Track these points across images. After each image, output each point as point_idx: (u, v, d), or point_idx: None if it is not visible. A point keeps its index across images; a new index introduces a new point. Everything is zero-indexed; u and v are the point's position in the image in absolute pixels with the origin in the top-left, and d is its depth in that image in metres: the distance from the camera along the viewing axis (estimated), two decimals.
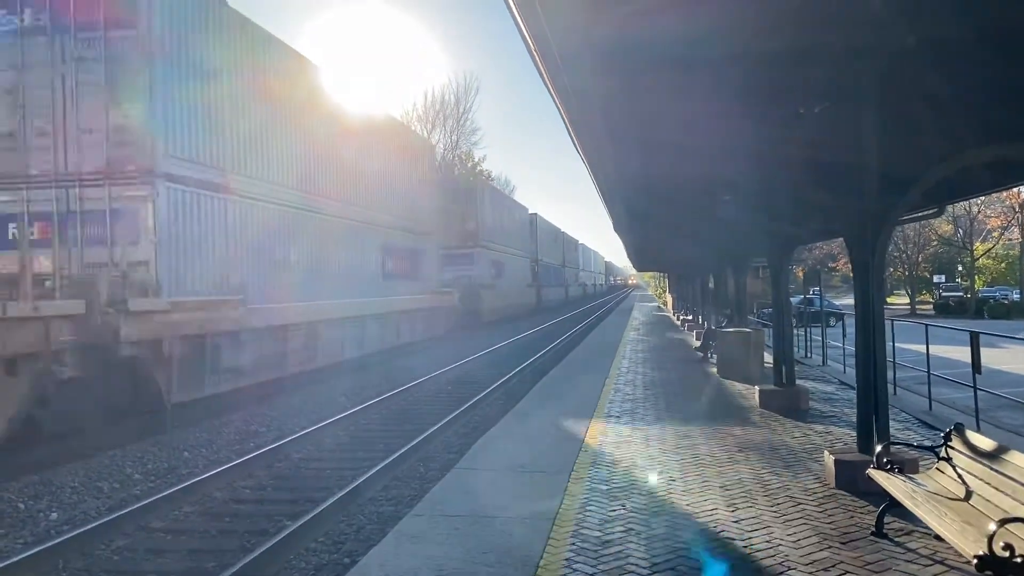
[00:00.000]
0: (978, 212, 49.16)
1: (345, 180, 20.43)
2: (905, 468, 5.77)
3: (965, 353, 9.46)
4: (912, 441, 7.80)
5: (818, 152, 7.05)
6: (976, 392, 9.45)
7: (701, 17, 4.78)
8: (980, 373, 9.27)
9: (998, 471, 4.69)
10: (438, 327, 28.93)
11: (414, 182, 27.26)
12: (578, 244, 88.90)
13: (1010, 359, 18.10)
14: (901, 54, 5.35)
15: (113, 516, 7.63)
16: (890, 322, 11.98)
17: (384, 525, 7.36)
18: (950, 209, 42.26)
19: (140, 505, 7.98)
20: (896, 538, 5.48)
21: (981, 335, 9.49)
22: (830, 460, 7.01)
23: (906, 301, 56.00)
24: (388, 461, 9.76)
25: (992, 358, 13.62)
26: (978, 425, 9.04)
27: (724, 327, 17.22)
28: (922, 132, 6.25)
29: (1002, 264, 58.33)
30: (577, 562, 5.14)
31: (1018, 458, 4.60)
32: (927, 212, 9.63)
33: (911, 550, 5.25)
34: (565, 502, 6.51)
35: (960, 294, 49.83)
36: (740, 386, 13.53)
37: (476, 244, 37.00)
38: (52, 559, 6.65)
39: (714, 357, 16.90)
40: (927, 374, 11.13)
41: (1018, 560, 3.80)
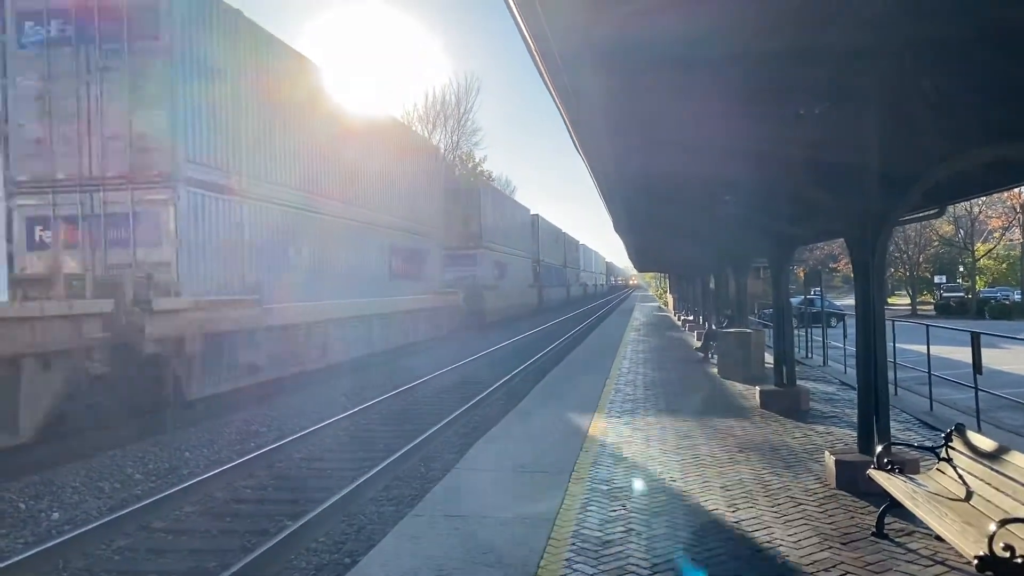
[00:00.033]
0: (979, 212, 49.15)
1: (351, 182, 20.73)
2: (906, 468, 5.77)
3: (966, 354, 9.45)
4: (913, 441, 7.79)
5: (818, 152, 7.04)
6: (977, 393, 9.44)
7: (701, 17, 4.78)
8: (981, 373, 9.26)
9: (999, 471, 4.69)
10: (442, 327, 29.16)
11: (418, 184, 27.49)
12: (579, 244, 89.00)
13: (1011, 359, 18.09)
14: (901, 54, 5.35)
15: (114, 516, 7.64)
16: (891, 322, 11.98)
17: (385, 525, 7.36)
18: (951, 209, 42.34)
19: (141, 505, 7.99)
20: (897, 538, 5.48)
21: (982, 335, 9.48)
22: (831, 460, 7.01)
23: (907, 301, 56.00)
24: (389, 461, 9.76)
25: (993, 359, 13.63)
26: (979, 426, 9.04)
27: (725, 327, 17.21)
28: (922, 132, 6.24)
29: (1003, 265, 58.37)
30: (577, 562, 5.14)
31: (1019, 458, 4.60)
32: (928, 212, 9.65)
33: (912, 550, 5.25)
34: (566, 502, 6.51)
35: (961, 295, 49.84)
36: (741, 386, 13.53)
37: (479, 245, 37.15)
38: (53, 559, 6.66)
39: (715, 357, 16.90)
40: (928, 374, 11.12)
41: (1018, 561, 3.80)
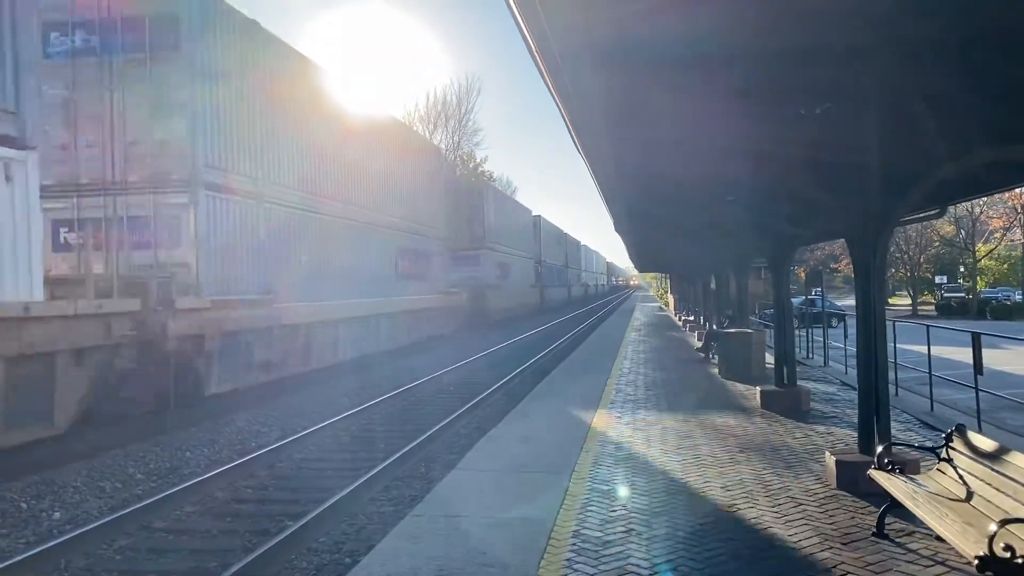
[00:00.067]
0: (980, 213, 49.09)
1: (360, 185, 21.28)
2: (906, 469, 5.77)
3: (967, 354, 9.44)
4: (913, 442, 7.79)
5: (819, 152, 7.04)
6: (977, 393, 9.44)
7: (702, 17, 4.77)
8: (981, 374, 9.24)
9: (999, 472, 4.69)
10: (447, 326, 29.82)
11: (424, 186, 28.09)
12: (580, 245, 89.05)
13: (1013, 360, 18.07)
14: (902, 54, 5.35)
15: (115, 516, 7.64)
16: (892, 323, 11.98)
17: (385, 525, 7.36)
18: (952, 210, 42.28)
19: (142, 505, 8.00)
20: (897, 539, 5.48)
21: (983, 336, 9.47)
22: (831, 461, 7.01)
23: (908, 302, 55.96)
24: (389, 460, 9.77)
25: (994, 359, 13.62)
26: (980, 426, 9.03)
27: (726, 328, 17.21)
28: (923, 132, 6.24)
29: (1004, 265, 58.33)
30: (578, 562, 5.14)
31: (1019, 459, 4.60)
32: (929, 213, 9.63)
33: (912, 551, 5.25)
34: (567, 502, 6.51)
35: (962, 295, 49.81)
36: (741, 387, 13.52)
37: (482, 246, 37.47)
38: (54, 559, 6.66)
39: (716, 358, 16.90)
40: (929, 375, 11.12)
41: (1019, 561, 3.81)
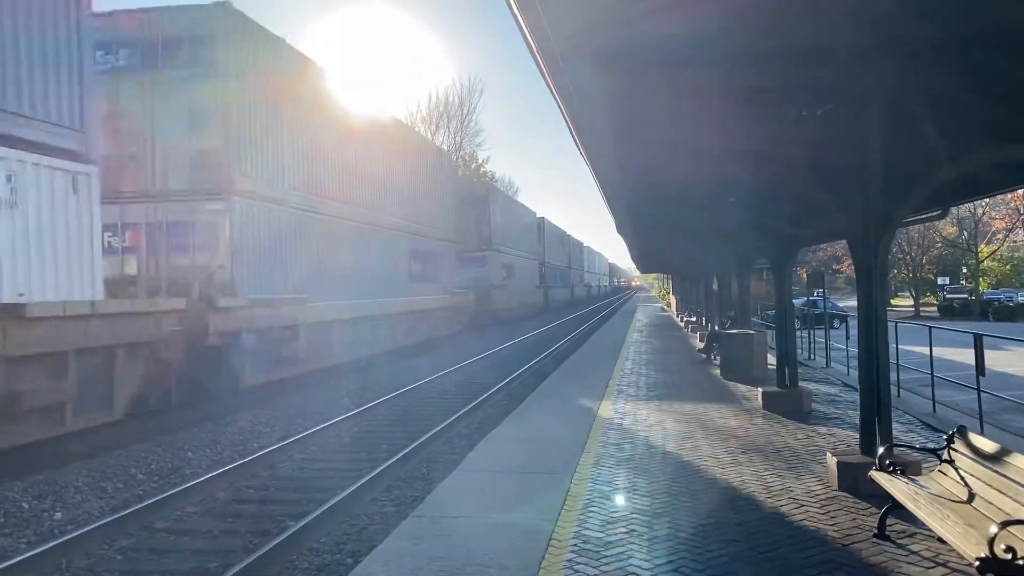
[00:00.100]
0: (983, 214, 49.00)
1: (377, 191, 22.32)
2: (908, 470, 5.76)
3: (969, 355, 9.40)
4: (915, 443, 7.79)
5: (820, 153, 7.03)
6: (979, 394, 9.41)
7: (703, 17, 4.77)
8: (983, 375, 9.21)
9: (1001, 473, 4.68)
10: (455, 325, 30.98)
11: (435, 191, 29.26)
12: (583, 246, 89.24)
13: (1015, 361, 18.00)
14: (902, 54, 5.34)
15: (117, 516, 7.65)
16: (894, 324, 11.94)
17: (387, 525, 7.36)
18: (954, 211, 42.19)
19: (144, 505, 8.01)
20: (898, 540, 5.47)
21: (985, 337, 9.44)
22: (833, 462, 6.99)
23: (910, 303, 55.84)
24: (392, 460, 9.79)
25: (997, 360, 13.58)
26: (982, 428, 9.00)
27: (727, 329, 17.20)
28: (925, 133, 6.23)
29: (1007, 266, 58.19)
30: (579, 563, 5.14)
31: (1021, 460, 4.59)
32: (931, 214, 9.62)
33: (913, 552, 5.24)
34: (568, 503, 6.51)
35: (965, 296, 49.69)
36: (743, 388, 13.51)
37: (488, 248, 38.14)
38: (56, 559, 6.67)
39: (717, 359, 16.88)
40: (931, 376, 11.10)
41: (1020, 563, 3.80)
